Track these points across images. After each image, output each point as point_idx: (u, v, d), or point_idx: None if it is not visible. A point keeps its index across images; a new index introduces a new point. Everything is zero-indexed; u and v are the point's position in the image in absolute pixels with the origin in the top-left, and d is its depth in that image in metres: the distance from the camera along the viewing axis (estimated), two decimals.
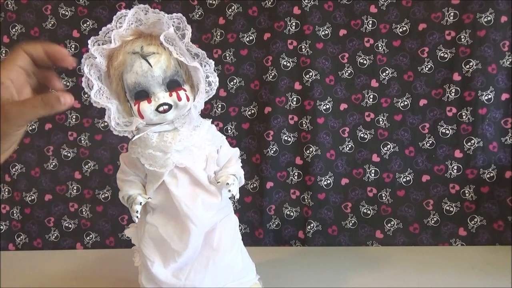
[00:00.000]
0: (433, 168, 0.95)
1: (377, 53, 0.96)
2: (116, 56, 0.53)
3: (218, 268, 0.58)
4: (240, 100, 0.99)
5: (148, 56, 0.52)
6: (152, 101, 0.53)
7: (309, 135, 0.97)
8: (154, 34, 0.54)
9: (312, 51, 0.96)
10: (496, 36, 0.90)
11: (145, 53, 0.53)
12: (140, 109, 0.53)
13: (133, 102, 0.54)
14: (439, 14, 0.93)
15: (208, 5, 0.98)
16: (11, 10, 1.01)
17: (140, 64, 0.52)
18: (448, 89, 0.93)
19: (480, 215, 0.93)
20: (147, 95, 0.53)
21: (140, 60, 0.52)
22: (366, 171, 0.97)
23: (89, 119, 1.01)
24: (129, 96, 0.54)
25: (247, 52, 0.99)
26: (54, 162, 1.01)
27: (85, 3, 1.00)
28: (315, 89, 0.96)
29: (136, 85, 0.53)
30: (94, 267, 0.88)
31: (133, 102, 0.54)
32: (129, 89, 0.54)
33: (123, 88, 0.54)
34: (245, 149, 0.99)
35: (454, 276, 0.77)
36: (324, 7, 0.96)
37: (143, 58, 0.52)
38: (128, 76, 0.53)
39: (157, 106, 0.53)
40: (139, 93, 0.53)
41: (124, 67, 0.53)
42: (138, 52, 0.52)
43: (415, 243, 0.94)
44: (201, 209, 0.57)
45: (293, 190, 0.99)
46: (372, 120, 0.97)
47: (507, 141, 0.92)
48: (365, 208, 0.97)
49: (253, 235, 0.99)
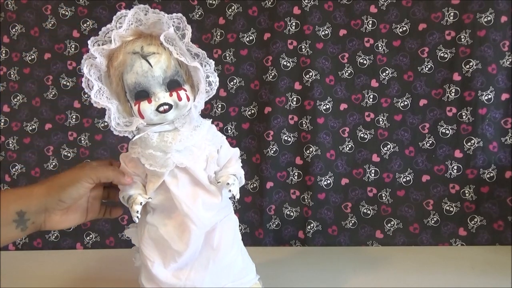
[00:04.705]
0: (433, 168, 0.95)
1: (377, 53, 0.96)
2: (116, 56, 0.53)
3: (218, 268, 0.58)
4: (240, 100, 0.99)
5: (148, 56, 0.52)
6: (153, 101, 0.53)
7: (309, 135, 0.97)
8: (154, 34, 0.54)
9: (312, 51, 0.96)
10: (496, 36, 0.90)
11: (145, 53, 0.53)
12: (141, 109, 0.53)
13: (133, 102, 0.54)
14: (439, 14, 0.93)
15: (208, 5, 0.98)
16: (11, 10, 1.01)
17: (141, 64, 0.52)
18: (448, 89, 0.93)
19: (480, 215, 0.93)
20: (147, 95, 0.53)
21: (141, 60, 0.52)
22: (366, 171, 0.97)
23: (89, 119, 1.01)
24: (129, 96, 0.54)
25: (247, 52, 0.99)
26: (54, 162, 1.01)
27: (85, 3, 1.00)
28: (315, 89, 0.96)
29: (137, 85, 0.53)
30: (94, 267, 0.88)
31: (133, 102, 0.54)
32: (129, 89, 0.54)
33: (123, 88, 0.54)
34: (245, 149, 0.99)
35: (454, 276, 0.77)
36: (324, 7, 0.96)
37: (143, 58, 0.52)
38: (128, 76, 0.53)
39: (157, 106, 0.53)
40: (139, 93, 0.53)
41: (124, 67, 0.53)
42: (138, 52, 0.52)
43: (415, 243, 0.94)
44: (201, 209, 0.56)
45: (293, 190, 0.99)
46: (372, 120, 0.97)
47: (507, 141, 0.92)
48: (365, 208, 0.97)
49: (253, 235, 0.99)
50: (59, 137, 1.01)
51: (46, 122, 1.01)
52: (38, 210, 0.51)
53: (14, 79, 1.02)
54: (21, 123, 1.02)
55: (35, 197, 0.50)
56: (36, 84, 1.01)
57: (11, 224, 0.49)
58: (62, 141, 1.01)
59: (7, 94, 1.02)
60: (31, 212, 0.50)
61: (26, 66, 1.01)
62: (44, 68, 1.01)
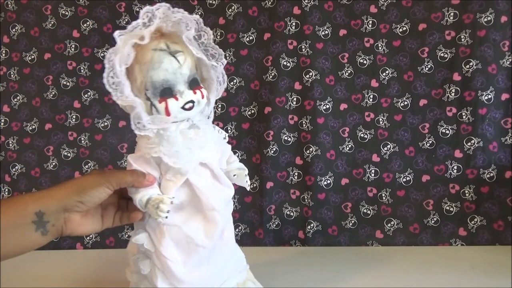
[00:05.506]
0: (433, 168, 0.95)
1: (377, 53, 0.96)
2: (142, 52, 0.52)
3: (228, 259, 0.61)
4: (240, 100, 0.99)
5: (176, 54, 0.53)
6: (179, 98, 0.53)
7: (309, 135, 0.97)
8: (175, 33, 0.54)
9: (312, 51, 0.96)
10: (496, 36, 0.90)
11: (172, 50, 0.53)
12: (169, 107, 0.53)
13: (157, 99, 0.53)
14: (439, 14, 0.93)
15: (208, 5, 0.98)
16: (11, 10, 1.01)
17: (170, 61, 0.52)
18: (448, 89, 0.93)
19: (480, 215, 0.93)
20: (171, 93, 0.53)
21: (170, 58, 0.52)
22: (366, 171, 0.97)
23: (89, 119, 1.01)
24: (151, 93, 0.53)
25: (247, 52, 0.99)
26: (54, 162, 1.01)
27: (85, 3, 1.00)
28: (315, 89, 0.96)
29: (164, 82, 0.52)
30: (94, 267, 0.88)
31: (157, 100, 0.53)
32: (153, 86, 0.52)
33: (145, 85, 0.53)
34: (245, 149, 0.99)
35: (454, 276, 0.77)
36: (324, 7, 0.96)
37: (171, 55, 0.52)
38: (155, 73, 0.52)
39: (184, 104, 0.54)
40: (164, 90, 0.53)
41: (151, 64, 0.52)
42: (166, 50, 0.52)
43: (415, 243, 0.94)
44: (222, 202, 0.59)
45: (293, 190, 0.99)
46: (372, 120, 0.97)
47: (507, 141, 0.92)
48: (365, 208, 0.97)
49: (253, 235, 0.99)
50: (59, 137, 1.01)
51: (46, 122, 1.01)
52: (57, 210, 0.49)
53: (14, 79, 1.02)
54: (21, 123, 1.02)
55: (54, 197, 0.49)
56: (36, 84, 1.01)
57: (30, 226, 0.48)
58: (62, 141, 1.01)
59: (7, 94, 1.02)
60: (50, 213, 0.49)
61: (26, 66, 1.01)
62: (44, 68, 1.01)
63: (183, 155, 0.55)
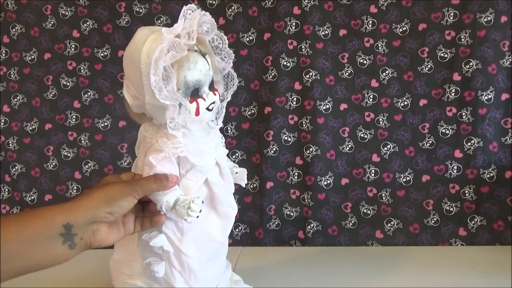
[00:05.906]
0: (433, 168, 0.95)
1: (377, 53, 0.96)
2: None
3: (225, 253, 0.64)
4: (240, 100, 0.99)
5: (206, 56, 0.54)
6: (206, 99, 0.54)
7: (309, 135, 0.97)
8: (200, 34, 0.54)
9: (312, 51, 0.96)
10: (496, 36, 0.90)
11: (203, 52, 0.54)
12: (200, 107, 0.54)
13: (188, 99, 0.53)
14: (439, 14, 0.93)
15: (208, 5, 0.98)
16: (11, 10, 1.01)
17: (203, 62, 0.53)
18: (448, 89, 0.93)
19: (480, 215, 0.93)
20: (197, 93, 0.54)
21: (202, 59, 0.53)
22: (366, 171, 0.97)
23: (89, 119, 1.01)
24: (182, 93, 0.52)
25: (247, 52, 0.99)
26: (54, 162, 1.01)
27: (85, 3, 1.00)
28: (315, 89, 0.96)
29: (197, 82, 0.53)
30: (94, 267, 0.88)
31: (187, 99, 0.53)
32: (186, 86, 0.52)
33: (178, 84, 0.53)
34: (245, 149, 0.99)
35: (454, 276, 0.77)
36: (324, 7, 0.96)
37: (203, 56, 0.53)
38: (190, 73, 0.52)
39: (209, 104, 0.55)
40: (194, 91, 0.53)
41: (188, 64, 0.52)
42: (198, 51, 0.53)
43: (415, 243, 0.94)
44: (232, 198, 0.62)
45: (293, 190, 0.99)
46: (372, 120, 0.97)
47: (507, 141, 0.92)
48: (365, 208, 0.97)
49: (253, 235, 0.99)
50: (59, 137, 1.01)
51: (46, 122, 1.01)
52: (85, 222, 0.47)
53: (14, 79, 1.02)
54: (21, 123, 1.02)
55: (83, 208, 0.47)
56: (36, 84, 1.01)
57: (58, 238, 0.46)
58: (62, 141, 1.01)
59: (7, 94, 1.02)
60: (79, 225, 0.47)
61: (26, 66, 1.01)
62: (44, 68, 1.01)
63: (205, 153, 0.56)
